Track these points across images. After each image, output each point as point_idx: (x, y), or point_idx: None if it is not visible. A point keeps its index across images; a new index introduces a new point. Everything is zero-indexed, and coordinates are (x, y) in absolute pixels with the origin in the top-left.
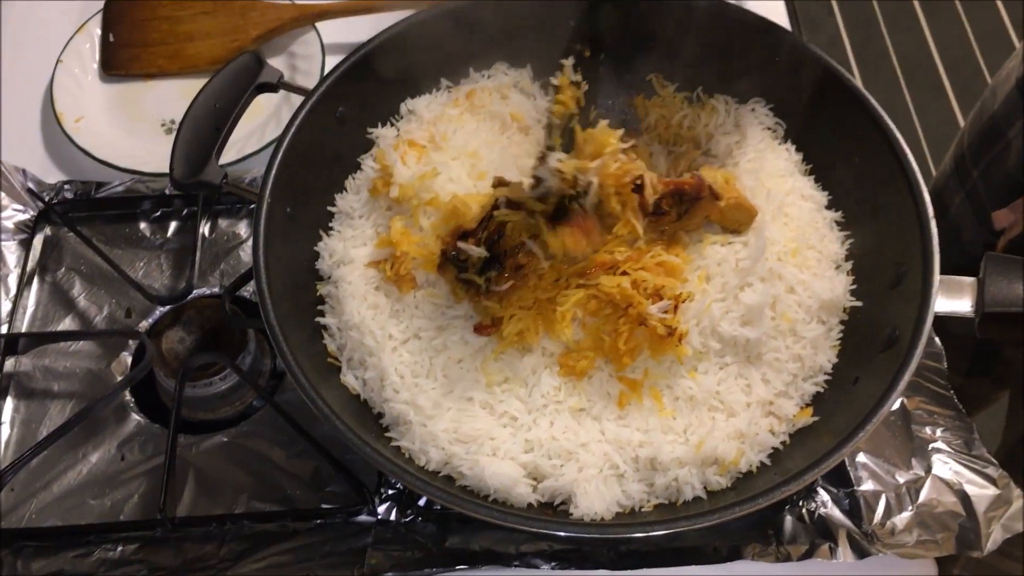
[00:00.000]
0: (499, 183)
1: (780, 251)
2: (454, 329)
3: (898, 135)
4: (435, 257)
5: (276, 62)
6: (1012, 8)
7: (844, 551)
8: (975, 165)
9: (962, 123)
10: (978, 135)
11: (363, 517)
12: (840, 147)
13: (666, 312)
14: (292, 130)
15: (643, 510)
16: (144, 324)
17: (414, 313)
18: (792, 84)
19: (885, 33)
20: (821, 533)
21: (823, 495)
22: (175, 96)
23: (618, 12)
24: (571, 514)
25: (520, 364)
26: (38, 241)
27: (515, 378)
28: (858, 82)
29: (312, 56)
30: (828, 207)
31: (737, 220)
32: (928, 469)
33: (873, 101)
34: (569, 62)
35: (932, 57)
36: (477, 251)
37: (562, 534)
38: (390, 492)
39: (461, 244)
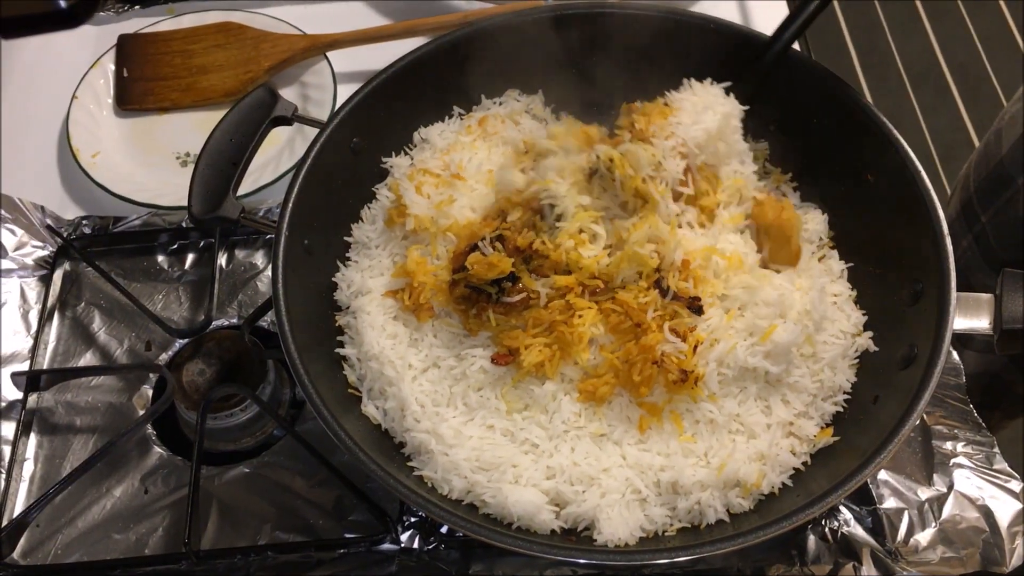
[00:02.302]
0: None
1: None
2: (473, 358)
3: (910, 152)
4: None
5: (288, 92)
6: (1016, 10)
7: (868, 570)
8: (984, 211)
9: (970, 128)
10: (986, 181)
11: (386, 545)
12: (851, 165)
13: (682, 353)
14: (307, 163)
15: (666, 534)
16: (164, 357)
17: (432, 342)
18: (805, 102)
19: (890, 38)
20: (844, 552)
21: (846, 513)
22: (189, 129)
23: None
24: (595, 540)
25: (540, 391)
26: (57, 277)
27: (535, 405)
28: (867, 97)
29: (324, 85)
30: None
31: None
32: (950, 485)
33: (883, 119)
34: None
35: (938, 61)
36: (491, 252)
37: (586, 561)
38: (412, 520)
39: (472, 257)
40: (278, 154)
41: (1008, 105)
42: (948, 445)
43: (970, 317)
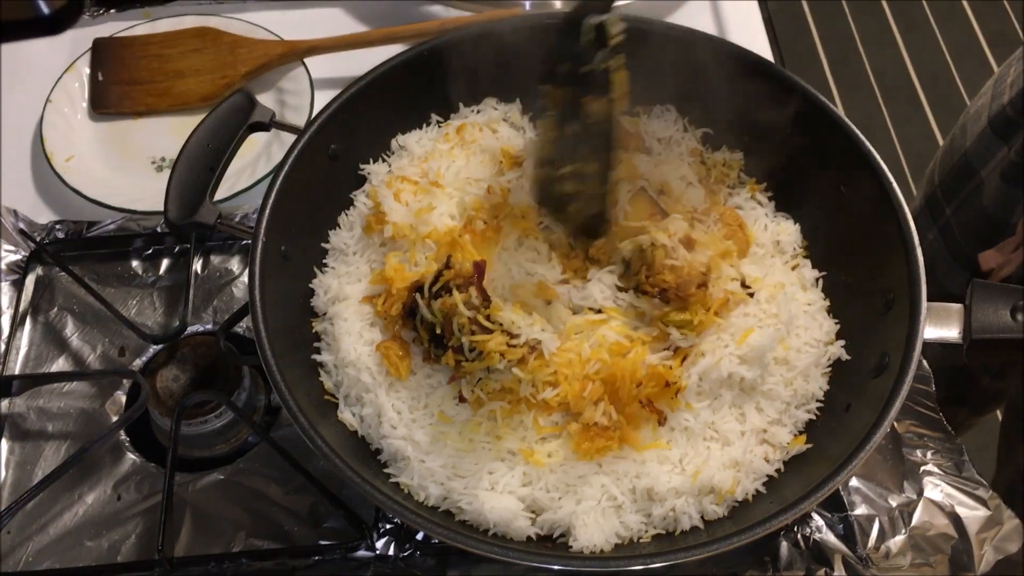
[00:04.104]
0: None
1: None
2: (449, 369)
3: (882, 164)
4: None
5: (265, 98)
6: (984, 23)
7: None
8: (948, 203)
9: (940, 138)
10: (950, 173)
11: (362, 552)
12: (825, 177)
13: (668, 361)
14: (285, 169)
15: (641, 541)
16: (138, 363)
17: (410, 350)
18: (775, 115)
19: (861, 49)
20: (817, 558)
21: (818, 520)
22: (165, 133)
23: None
24: (570, 546)
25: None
26: (30, 281)
27: (510, 418)
28: (839, 109)
29: (301, 92)
30: (809, 239)
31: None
32: (920, 492)
33: (856, 131)
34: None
35: (908, 72)
36: (427, 314)
37: (561, 568)
38: (388, 527)
39: (418, 296)
40: (255, 160)
41: (973, 100)
42: (918, 453)
43: (940, 327)
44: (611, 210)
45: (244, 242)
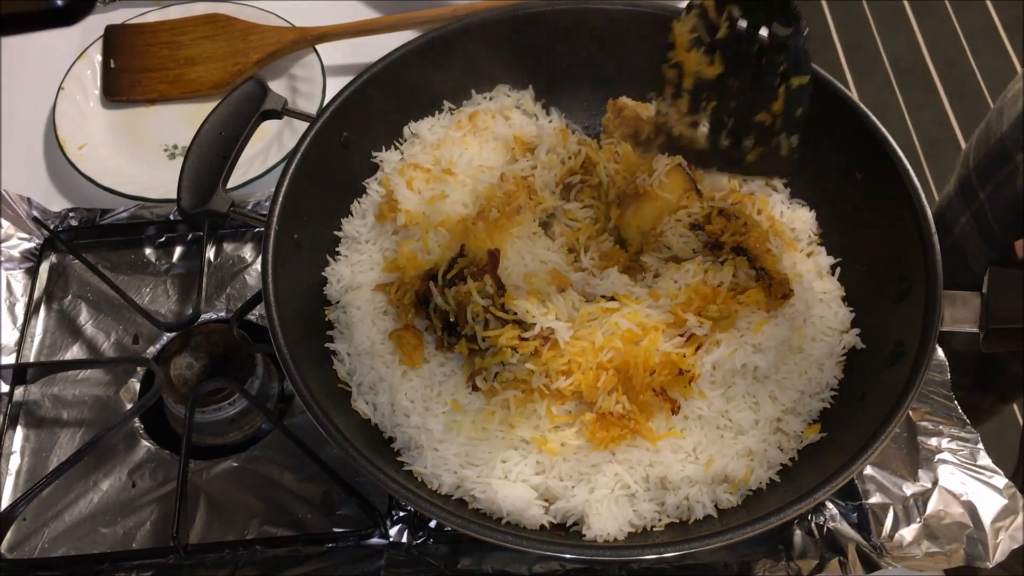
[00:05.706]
0: None
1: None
2: (462, 357)
3: (897, 149)
4: None
5: (277, 85)
6: (1000, 8)
7: (854, 565)
8: (982, 187)
9: (955, 124)
10: (985, 157)
11: (375, 540)
12: (840, 163)
13: (682, 349)
14: (297, 157)
15: (654, 529)
16: (152, 350)
17: (423, 338)
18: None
19: (876, 34)
20: (830, 547)
21: (831, 509)
22: (177, 120)
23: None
24: (584, 535)
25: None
26: (44, 269)
27: (523, 408)
28: (853, 94)
29: (313, 78)
30: (824, 227)
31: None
32: (935, 481)
33: (871, 116)
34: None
35: (923, 57)
36: (441, 302)
37: (575, 556)
38: (401, 514)
39: (432, 285)
40: (266, 147)
41: (1011, 83)
42: (933, 441)
43: (957, 315)
44: None
45: (257, 230)
